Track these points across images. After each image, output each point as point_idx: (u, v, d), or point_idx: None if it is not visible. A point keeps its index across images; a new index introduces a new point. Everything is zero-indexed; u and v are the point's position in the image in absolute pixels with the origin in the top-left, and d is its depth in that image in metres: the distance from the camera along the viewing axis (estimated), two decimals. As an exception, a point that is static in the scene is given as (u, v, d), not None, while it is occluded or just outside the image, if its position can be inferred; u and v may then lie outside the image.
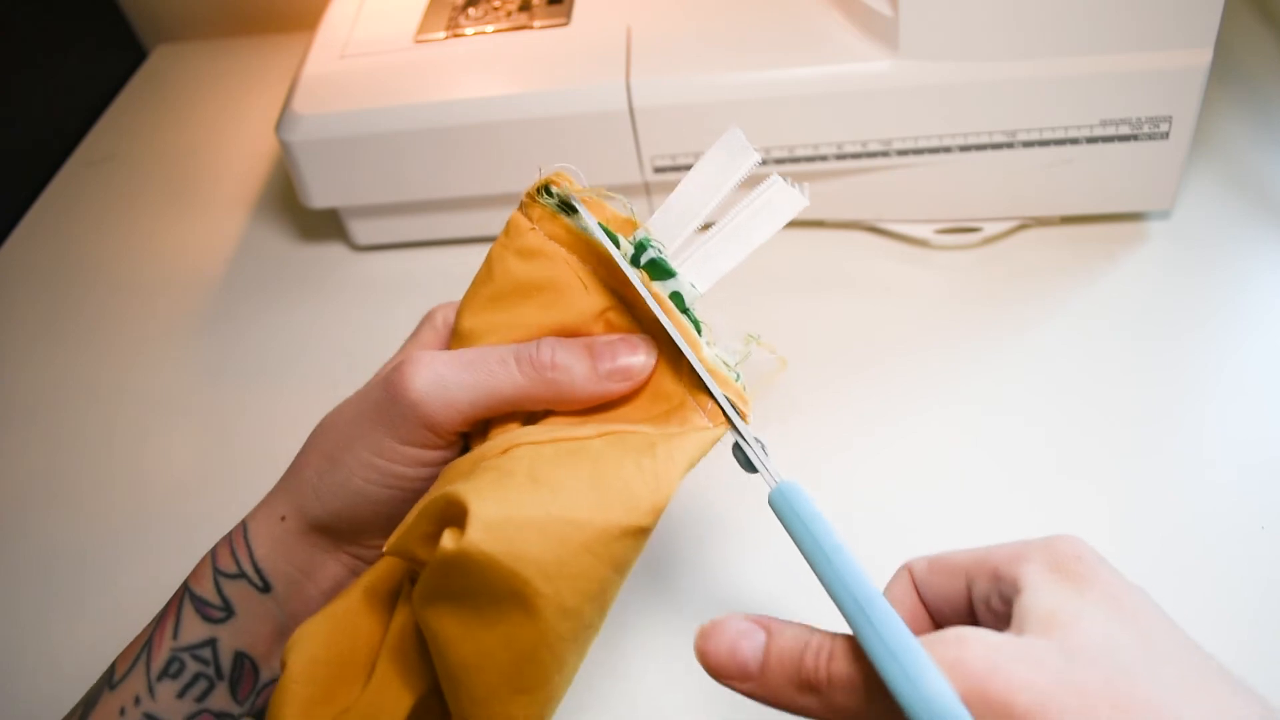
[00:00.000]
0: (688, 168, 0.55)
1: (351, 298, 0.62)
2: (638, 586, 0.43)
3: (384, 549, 0.30)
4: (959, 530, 0.43)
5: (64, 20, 0.80)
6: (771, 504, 0.28)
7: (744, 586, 0.43)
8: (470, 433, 0.34)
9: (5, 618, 0.49)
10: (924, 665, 0.23)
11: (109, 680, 0.34)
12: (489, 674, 0.28)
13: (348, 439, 0.34)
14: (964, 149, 0.52)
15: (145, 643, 0.34)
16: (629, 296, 0.33)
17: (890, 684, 0.23)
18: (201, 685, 0.34)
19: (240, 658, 0.34)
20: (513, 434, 0.31)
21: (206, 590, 0.35)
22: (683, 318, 0.32)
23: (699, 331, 0.32)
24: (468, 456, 0.32)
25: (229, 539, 0.36)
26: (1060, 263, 0.55)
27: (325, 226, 0.66)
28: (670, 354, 0.32)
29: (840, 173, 0.55)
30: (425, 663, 0.31)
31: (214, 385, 0.58)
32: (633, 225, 0.34)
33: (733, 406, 0.31)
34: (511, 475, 0.28)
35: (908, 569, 0.30)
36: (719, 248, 0.33)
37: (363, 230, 0.63)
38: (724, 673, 0.27)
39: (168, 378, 0.59)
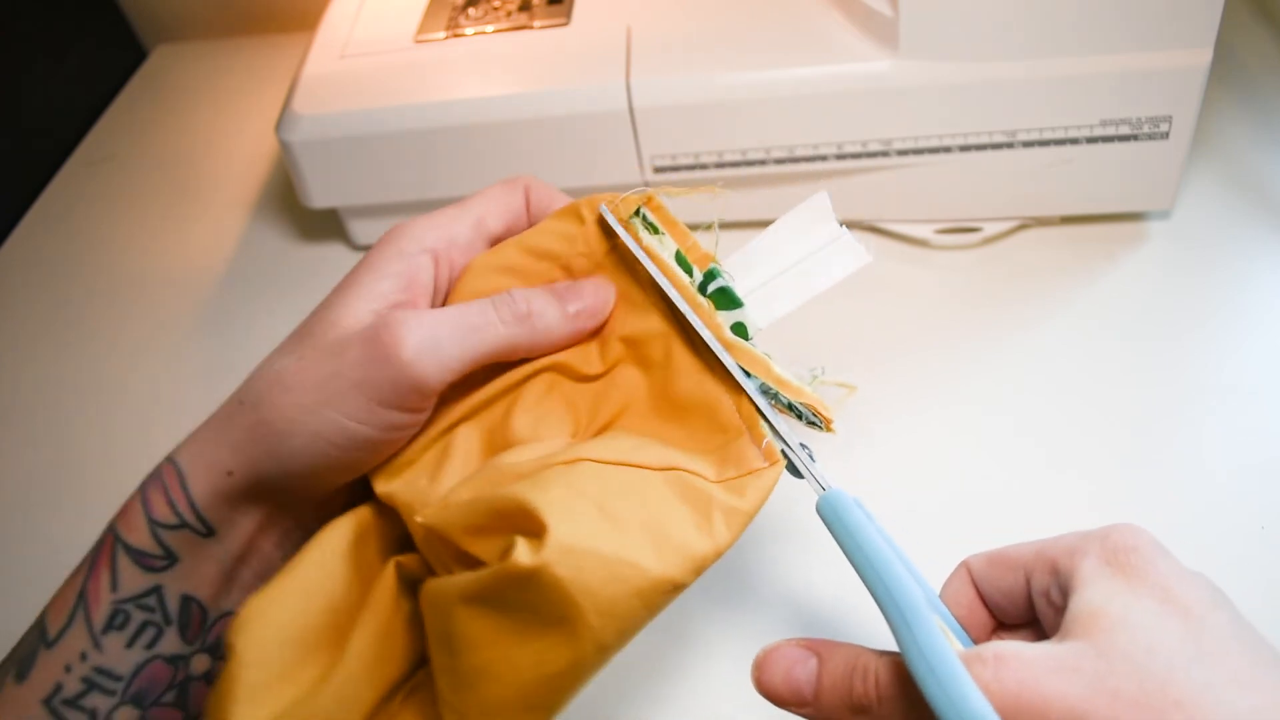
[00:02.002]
0: (688, 168, 0.56)
1: (351, 298, 0.62)
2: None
3: (419, 519, 0.30)
4: (959, 530, 0.43)
5: (64, 20, 0.80)
6: (819, 512, 0.29)
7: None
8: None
9: (5, 618, 0.49)
10: (963, 683, 0.23)
11: (43, 638, 0.32)
12: (507, 686, 0.28)
13: (316, 400, 0.31)
14: (964, 149, 0.52)
15: (78, 596, 0.32)
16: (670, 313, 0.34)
17: (931, 700, 0.24)
18: (150, 633, 0.33)
19: (187, 600, 0.33)
20: (578, 447, 0.31)
21: (143, 541, 0.33)
22: (746, 345, 0.33)
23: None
24: (520, 450, 0.31)
25: (162, 486, 0.33)
26: (1060, 263, 0.55)
27: (325, 226, 0.66)
28: (731, 386, 0.33)
29: (840, 173, 0.55)
30: (408, 651, 0.31)
31: (214, 385, 0.58)
32: (709, 259, 0.35)
33: (809, 416, 0.33)
34: (581, 498, 0.29)
35: (965, 565, 0.31)
36: (778, 291, 0.34)
37: (363, 230, 0.63)
38: (780, 700, 0.29)
39: (168, 378, 0.59)
